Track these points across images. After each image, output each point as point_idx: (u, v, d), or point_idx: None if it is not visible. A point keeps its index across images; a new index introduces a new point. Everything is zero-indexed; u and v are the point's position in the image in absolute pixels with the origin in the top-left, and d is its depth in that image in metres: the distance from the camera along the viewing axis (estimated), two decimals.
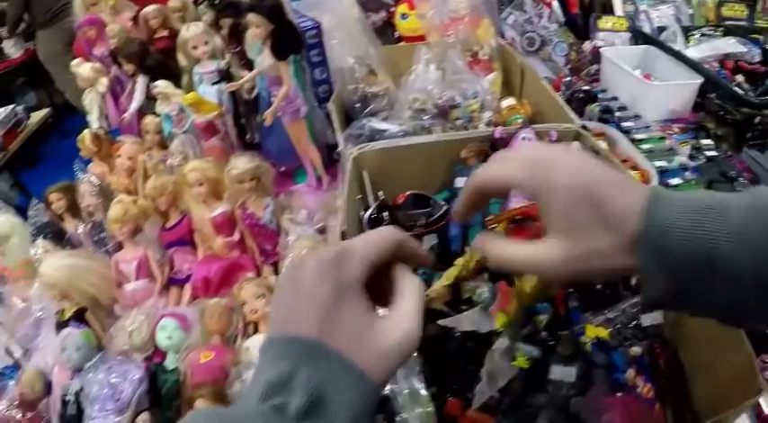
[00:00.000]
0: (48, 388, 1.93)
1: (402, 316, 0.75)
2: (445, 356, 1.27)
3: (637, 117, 2.34)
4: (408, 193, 1.67)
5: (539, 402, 1.20)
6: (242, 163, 2.04)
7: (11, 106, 4.38)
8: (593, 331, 1.25)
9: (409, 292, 0.78)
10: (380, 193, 1.70)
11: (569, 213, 0.78)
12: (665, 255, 0.72)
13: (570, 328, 1.27)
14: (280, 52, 2.11)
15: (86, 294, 2.07)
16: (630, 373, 1.23)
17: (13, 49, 7.18)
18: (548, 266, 0.81)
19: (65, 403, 1.80)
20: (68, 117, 5.98)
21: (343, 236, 1.47)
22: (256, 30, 2.11)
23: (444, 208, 1.60)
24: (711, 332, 1.21)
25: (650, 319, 1.26)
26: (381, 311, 0.76)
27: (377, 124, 2.03)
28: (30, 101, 5.71)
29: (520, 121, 2.03)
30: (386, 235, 0.78)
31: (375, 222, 1.59)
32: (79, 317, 2.02)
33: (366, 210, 1.63)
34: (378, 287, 0.78)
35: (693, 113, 2.37)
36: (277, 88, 2.18)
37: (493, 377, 1.17)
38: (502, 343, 1.20)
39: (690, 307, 0.76)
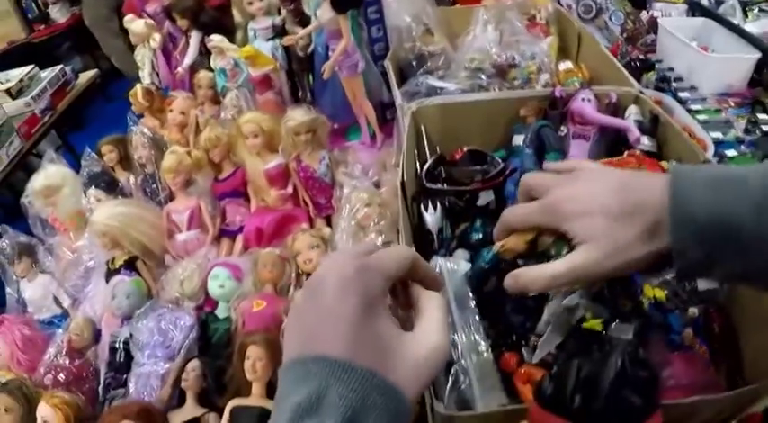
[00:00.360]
0: (96, 336, 1.94)
1: (429, 330, 0.74)
2: (502, 311, 1.26)
3: (693, 89, 2.30)
4: (465, 149, 1.66)
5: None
6: (299, 115, 2.04)
7: (59, 66, 4.38)
8: (651, 291, 1.24)
9: (433, 307, 0.77)
10: (437, 149, 1.70)
11: (591, 230, 0.87)
12: (693, 228, 0.78)
13: (629, 286, 1.24)
14: (339, 5, 2.09)
15: (137, 243, 2.08)
16: (688, 332, 1.22)
17: (59, 14, 7.21)
18: (590, 270, 0.87)
19: (113, 350, 1.80)
20: (114, 82, 6.00)
21: (403, 187, 1.46)
22: None
23: (501, 166, 1.58)
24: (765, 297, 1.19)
25: (706, 283, 1.25)
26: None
27: (434, 82, 2.01)
28: (76, 65, 5.72)
29: (577, 84, 2.01)
30: (403, 252, 0.78)
31: (431, 177, 1.57)
32: (130, 265, 2.03)
33: (423, 165, 1.61)
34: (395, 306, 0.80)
35: (750, 88, 2.33)
36: (335, 42, 2.16)
37: (555, 331, 1.16)
38: (571, 299, 1.19)
39: (721, 274, 0.84)
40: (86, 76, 4.69)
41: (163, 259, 2.15)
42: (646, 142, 1.61)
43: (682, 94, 2.25)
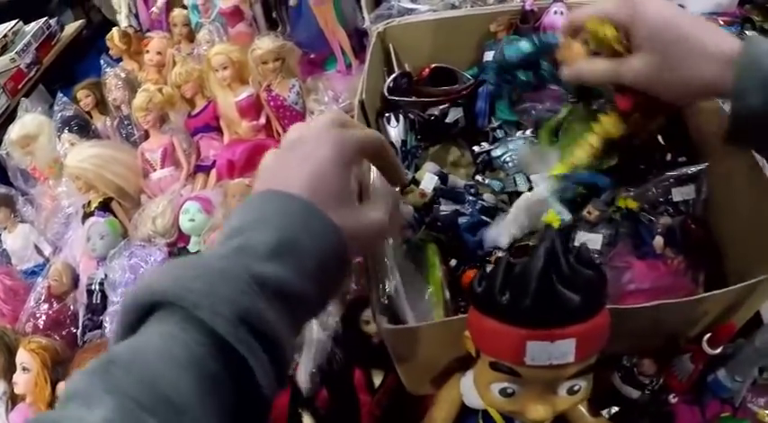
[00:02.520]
0: (76, 281, 1.93)
1: (375, 207, 0.82)
2: (456, 231, 1.25)
3: (680, 6, 2.24)
4: (434, 65, 1.65)
5: None
6: (265, 43, 1.98)
7: (43, 19, 4.33)
8: (623, 202, 1.22)
9: (383, 193, 0.87)
10: (406, 66, 1.66)
11: (658, 36, 0.90)
12: (759, 74, 0.81)
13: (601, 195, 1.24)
14: None
15: (112, 184, 2.05)
16: (659, 240, 1.19)
17: None
18: (637, 76, 0.95)
19: (90, 293, 1.80)
20: (105, 34, 5.91)
21: (362, 105, 1.43)
22: None
23: (470, 81, 1.55)
24: (746, 206, 1.15)
25: (681, 194, 1.24)
26: None
27: (406, 4, 1.95)
28: (68, 19, 5.66)
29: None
30: (377, 133, 0.87)
31: (398, 92, 1.55)
32: (104, 207, 2.01)
33: None
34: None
35: (739, 7, 2.26)
36: None
37: (516, 221, 1.13)
38: (538, 193, 1.19)
39: None
40: (72, 28, 4.62)
41: (139, 200, 2.12)
42: None
43: None
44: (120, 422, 0.52)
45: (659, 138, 1.35)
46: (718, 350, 1.04)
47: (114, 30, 2.63)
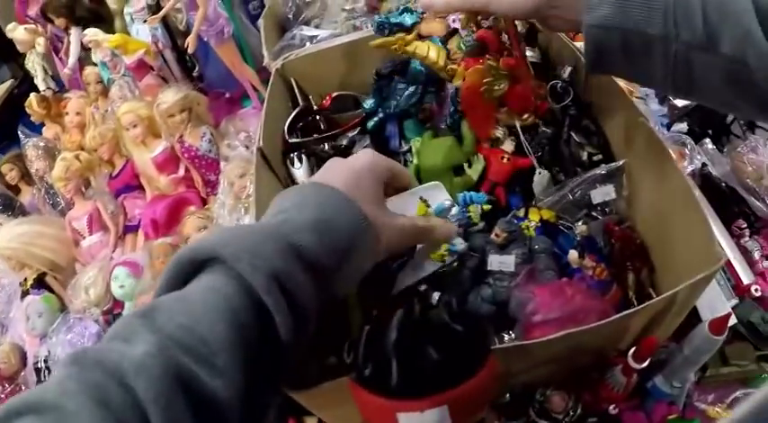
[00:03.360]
0: (24, 360, 1.92)
1: (406, 217, 0.93)
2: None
3: None
4: (335, 94, 1.64)
5: (485, 296, 1.15)
6: (168, 96, 1.96)
7: None
8: (537, 214, 1.20)
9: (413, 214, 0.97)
10: (311, 97, 1.66)
11: None
12: None
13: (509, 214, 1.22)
14: None
15: (43, 259, 2.04)
16: (573, 254, 1.14)
17: None
18: None
19: (38, 371, 1.79)
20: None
21: (262, 152, 1.37)
22: None
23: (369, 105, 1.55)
24: (665, 203, 1.12)
25: (601, 195, 1.21)
26: None
27: (308, 32, 1.92)
28: (4, 76, 5.60)
29: None
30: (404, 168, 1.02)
31: (303, 128, 1.55)
32: (40, 282, 2.00)
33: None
34: None
35: None
36: (195, 13, 2.05)
37: (415, 266, 1.10)
38: None
39: (630, 35, 0.84)
40: (2, 89, 4.55)
41: (74, 269, 2.09)
42: (529, 53, 1.53)
43: None
44: (160, 357, 0.60)
45: (573, 135, 1.32)
46: (645, 364, 1.01)
47: (32, 96, 2.58)
